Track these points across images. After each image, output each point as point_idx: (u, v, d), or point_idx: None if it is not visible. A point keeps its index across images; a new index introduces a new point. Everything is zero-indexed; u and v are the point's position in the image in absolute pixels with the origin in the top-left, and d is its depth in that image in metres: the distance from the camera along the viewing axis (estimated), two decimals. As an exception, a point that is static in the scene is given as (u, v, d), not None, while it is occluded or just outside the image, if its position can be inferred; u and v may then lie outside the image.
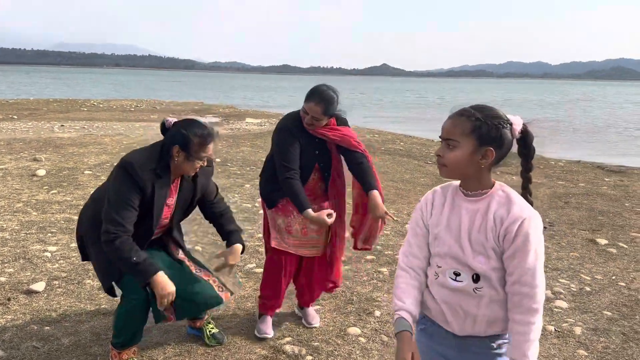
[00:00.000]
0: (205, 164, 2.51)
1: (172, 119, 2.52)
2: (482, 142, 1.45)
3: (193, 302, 2.55)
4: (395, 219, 3.02)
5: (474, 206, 1.52)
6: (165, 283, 2.37)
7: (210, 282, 2.66)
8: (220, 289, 2.66)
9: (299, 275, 3.22)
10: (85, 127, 13.92)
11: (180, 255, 2.76)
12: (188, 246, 2.97)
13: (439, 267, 1.55)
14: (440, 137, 1.52)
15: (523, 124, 1.49)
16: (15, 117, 16.09)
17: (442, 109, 32.61)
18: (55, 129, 13.12)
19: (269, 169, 3.02)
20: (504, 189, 1.52)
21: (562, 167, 9.95)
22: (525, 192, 1.56)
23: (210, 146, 2.46)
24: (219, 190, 2.90)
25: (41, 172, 7.29)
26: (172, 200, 2.56)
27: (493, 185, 1.53)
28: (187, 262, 2.73)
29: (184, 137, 2.39)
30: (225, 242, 2.77)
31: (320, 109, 2.81)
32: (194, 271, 2.68)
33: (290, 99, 39.83)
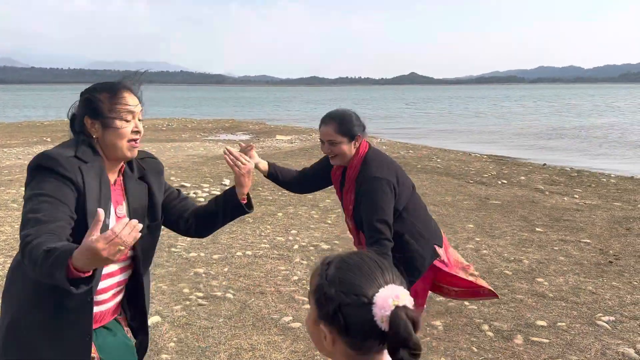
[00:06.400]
0: (139, 130, 1.79)
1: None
2: None
3: None
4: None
5: None
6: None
7: None
8: None
9: None
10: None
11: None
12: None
13: None
14: None
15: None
16: (48, 139, 16.23)
17: (475, 119, 31.77)
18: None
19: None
20: None
21: (614, 184, 9.27)
22: None
23: (127, 95, 1.76)
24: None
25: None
26: (122, 209, 1.80)
27: None
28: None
29: (86, 100, 1.75)
30: (219, 203, 1.99)
31: None
32: None
33: (318, 111, 39.57)
